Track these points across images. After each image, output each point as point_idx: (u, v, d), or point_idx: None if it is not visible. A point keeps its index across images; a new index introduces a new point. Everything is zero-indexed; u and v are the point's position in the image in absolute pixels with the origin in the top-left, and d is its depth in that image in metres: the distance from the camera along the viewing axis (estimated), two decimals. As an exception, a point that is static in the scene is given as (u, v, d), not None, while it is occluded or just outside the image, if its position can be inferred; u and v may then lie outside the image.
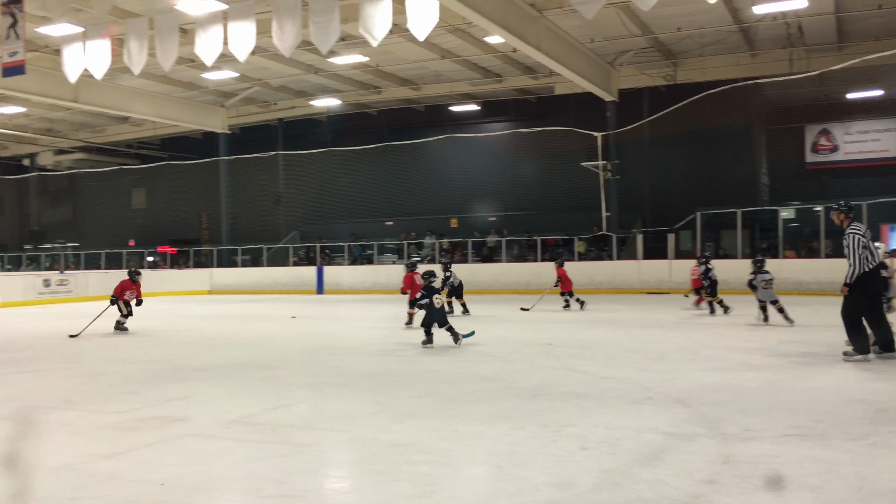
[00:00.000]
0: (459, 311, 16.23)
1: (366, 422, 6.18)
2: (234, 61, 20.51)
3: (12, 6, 12.92)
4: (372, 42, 13.07)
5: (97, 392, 7.82)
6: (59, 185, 39.32)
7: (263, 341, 12.26)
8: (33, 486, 4.70)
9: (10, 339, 13.42)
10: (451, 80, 26.45)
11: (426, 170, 30.02)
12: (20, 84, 20.29)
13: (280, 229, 31.55)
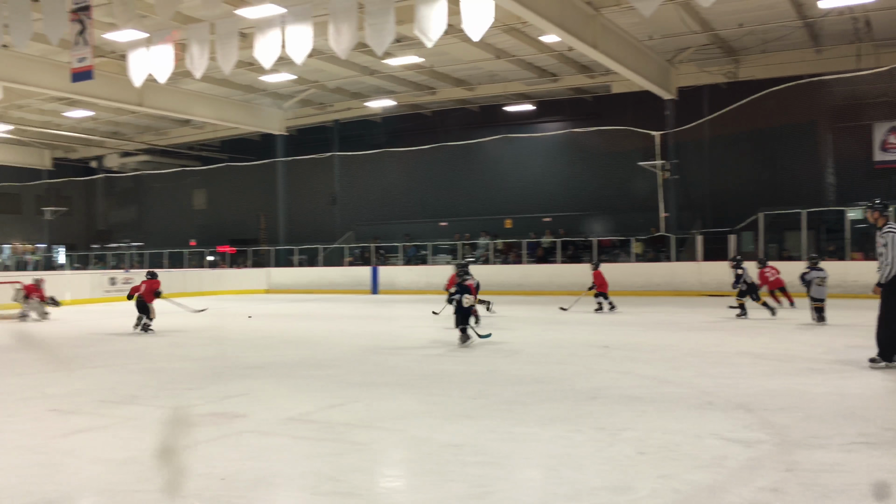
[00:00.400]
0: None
1: (420, 421, 6.19)
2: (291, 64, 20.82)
3: (81, 13, 13.36)
4: (427, 43, 13.10)
5: (160, 388, 8.02)
6: (125, 187, 40.55)
7: (319, 340, 12.41)
8: (101, 478, 4.84)
9: (79, 336, 13.88)
10: (505, 80, 26.36)
11: (480, 170, 29.98)
12: (88, 89, 21.00)
13: (335, 229, 31.92)
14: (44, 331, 15.02)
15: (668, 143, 24.22)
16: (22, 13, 13.49)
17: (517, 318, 15.81)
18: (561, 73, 25.48)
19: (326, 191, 32.39)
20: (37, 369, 9.68)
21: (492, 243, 27.20)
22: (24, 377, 9.06)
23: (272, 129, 30.33)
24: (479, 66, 24.50)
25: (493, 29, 17.09)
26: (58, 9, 13.16)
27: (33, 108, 28.55)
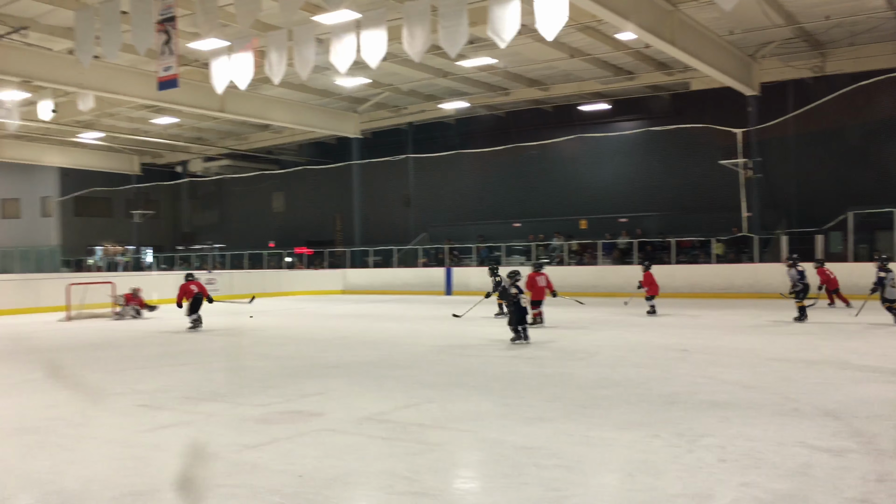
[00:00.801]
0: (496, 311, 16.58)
1: (494, 423, 6.17)
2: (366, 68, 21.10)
3: (167, 24, 13.88)
4: (500, 44, 13.07)
5: (241, 386, 8.25)
6: (208, 190, 41.94)
7: (394, 340, 12.53)
8: (186, 473, 5.01)
9: (165, 334, 14.42)
10: (580, 80, 26.05)
11: (555, 170, 29.69)
12: (173, 96, 21.84)
13: (410, 231, 32.18)
14: (132, 329, 15.66)
15: (751, 140, 23.44)
16: (112, 26, 14.12)
17: (592, 320, 15.60)
18: (637, 70, 25.01)
19: (400, 193, 32.70)
20: (126, 366, 10.10)
21: (566, 244, 26.92)
22: (114, 374, 9.47)
23: (347, 133, 30.83)
24: (554, 66, 24.29)
25: (568, 28, 16.91)
26: (145, 20, 13.71)
27: (123, 115, 29.85)
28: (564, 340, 12.02)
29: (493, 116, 30.88)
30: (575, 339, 12.13)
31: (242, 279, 28.18)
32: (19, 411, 7.10)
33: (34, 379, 9.15)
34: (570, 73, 25.28)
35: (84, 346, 12.69)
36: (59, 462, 5.27)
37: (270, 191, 39.13)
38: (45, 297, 20.73)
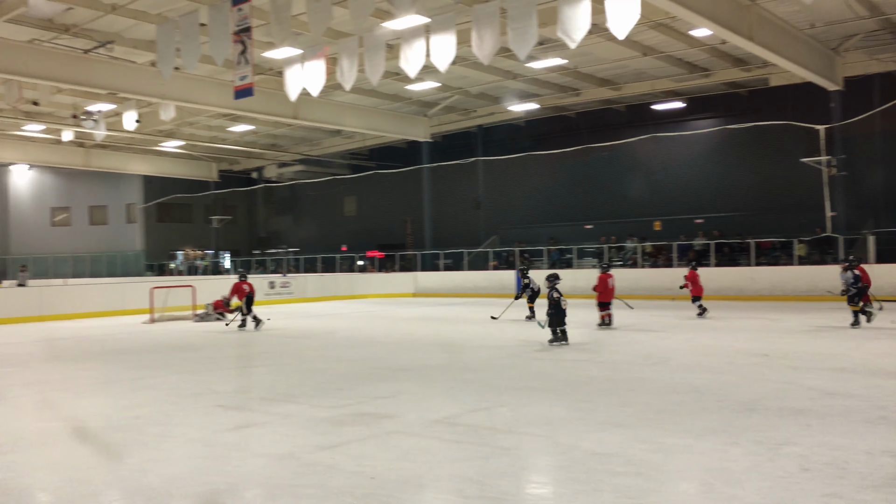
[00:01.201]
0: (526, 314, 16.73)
1: (566, 428, 6.10)
2: (435, 72, 21.22)
3: (242, 35, 14.25)
4: (570, 44, 12.92)
5: (315, 387, 8.40)
6: (282, 196, 42.92)
7: (465, 343, 12.54)
8: (263, 472, 5.12)
9: (242, 337, 14.81)
10: (653, 78, 25.53)
11: (627, 171, 29.19)
12: (249, 105, 22.43)
13: (480, 234, 32.17)
14: (212, 331, 16.13)
15: (835, 137, 22.52)
16: (192, 38, 14.60)
17: (666, 323, 15.27)
18: (713, 67, 24.35)
19: (471, 195, 32.72)
20: (205, 367, 10.42)
21: (640, 246, 26.43)
22: (195, 374, 9.78)
23: (418, 137, 31.07)
24: (625, 65, 23.89)
25: (640, 26, 16.61)
26: (223, 32, 14.11)
27: (202, 124, 30.86)
28: (638, 344, 11.80)
29: (563, 117, 30.58)
30: (649, 343, 11.89)
31: (316, 282, 28.71)
32: (106, 410, 7.41)
33: (120, 379, 9.53)
34: (643, 71, 24.82)
35: (166, 347, 13.15)
36: (143, 460, 5.46)
37: (342, 195, 39.74)
38: (129, 301, 21.60)
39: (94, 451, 5.83)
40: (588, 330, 14.21)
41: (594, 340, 12.47)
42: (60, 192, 41.49)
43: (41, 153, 33.84)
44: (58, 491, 4.88)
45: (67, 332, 16.34)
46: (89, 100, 24.41)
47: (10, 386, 9.12)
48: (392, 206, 36.68)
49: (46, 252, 39.99)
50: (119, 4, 16.89)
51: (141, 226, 40.97)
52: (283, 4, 13.16)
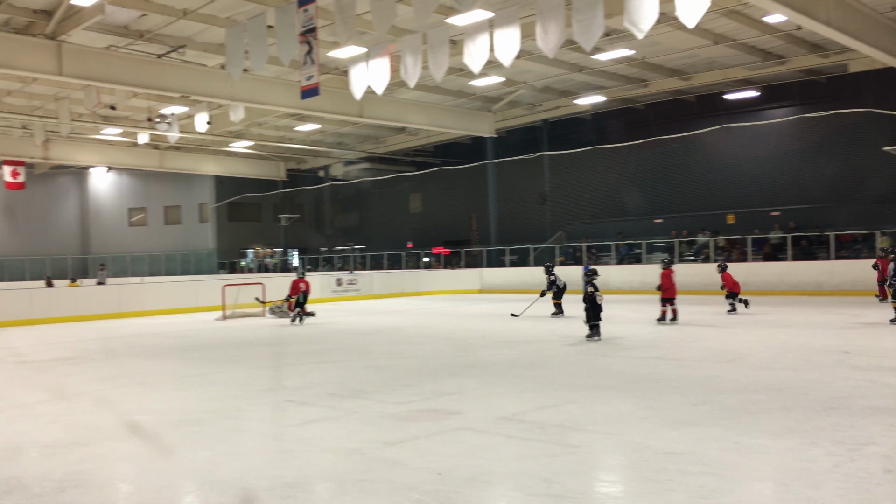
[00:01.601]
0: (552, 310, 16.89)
1: (636, 426, 5.97)
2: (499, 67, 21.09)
3: (308, 35, 14.45)
4: (638, 35, 12.64)
5: (382, 383, 8.45)
6: (348, 193, 43.48)
7: (530, 340, 12.43)
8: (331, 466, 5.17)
9: (311, 333, 15.05)
10: (725, 67, 24.79)
11: (699, 163, 28.48)
12: (315, 104, 22.75)
13: (546, 229, 31.90)
14: (282, 328, 16.45)
15: (920, 123, 21.48)
16: (259, 40, 14.88)
17: (741, 320, 14.83)
18: (788, 54, 23.50)
19: (536, 191, 32.47)
20: (274, 363, 10.62)
21: (712, 240, 25.75)
22: (264, 370, 9.98)
23: (482, 132, 30.97)
24: (696, 54, 23.26)
25: (710, 13, 16.15)
26: (289, 33, 14.34)
27: (270, 124, 31.49)
28: (709, 341, 11.49)
29: (631, 109, 30.01)
30: (721, 340, 11.57)
31: (382, 279, 28.98)
32: (181, 404, 7.62)
33: (194, 374, 9.80)
34: (714, 60, 24.13)
35: (237, 343, 13.47)
36: (216, 453, 5.59)
37: (407, 192, 40.00)
38: (203, 298, 22.24)
39: (169, 443, 5.99)
40: (657, 327, 13.93)
41: (664, 337, 12.21)
42: (137, 193, 43.01)
43: (119, 156, 35.14)
44: (136, 482, 5.04)
45: (144, 329, 16.92)
46: (163, 103, 25.21)
47: (90, 380, 9.48)
48: (457, 203, 36.73)
49: (124, 251, 41.54)
50: (190, 9, 17.36)
51: (213, 225, 42.12)
52: (347, 4, 13.29)
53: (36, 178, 39.52)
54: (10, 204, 39.54)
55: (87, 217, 43.09)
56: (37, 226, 40.96)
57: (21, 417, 7.20)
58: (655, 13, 12.29)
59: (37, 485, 4.89)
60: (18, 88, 23.73)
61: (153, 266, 40.51)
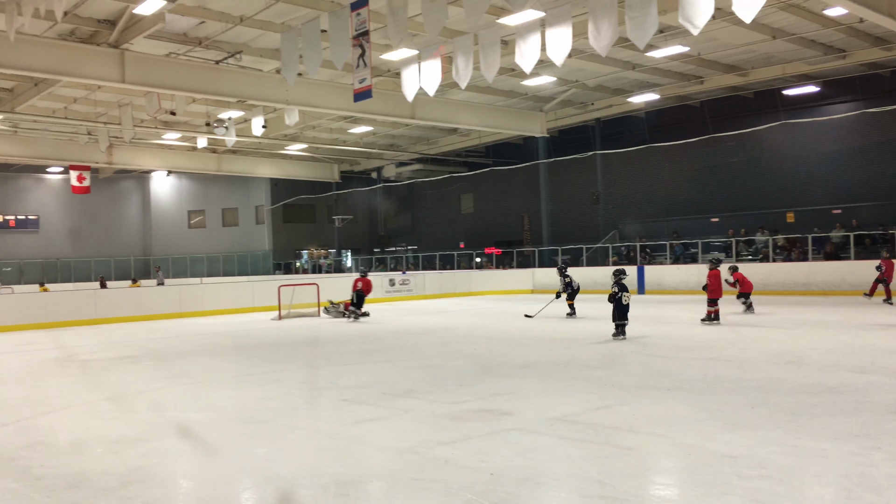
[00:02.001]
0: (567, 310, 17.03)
1: (692, 429, 5.89)
2: (551, 66, 21.01)
3: (361, 39, 14.61)
4: (693, 31, 12.44)
5: (434, 383, 8.50)
6: (400, 194, 43.80)
7: (583, 340, 12.34)
8: (385, 465, 5.24)
9: (364, 333, 15.21)
10: (783, 62, 24.18)
11: (756, 160, 27.84)
12: (368, 106, 23.00)
13: (599, 229, 31.59)
14: (336, 328, 16.66)
15: None
16: (314, 44, 15.11)
17: (800, 320, 14.45)
18: (850, 48, 22.81)
19: (589, 190, 32.20)
20: (329, 362, 10.77)
21: (771, 239, 25.15)
22: (320, 369, 10.13)
23: (534, 132, 30.85)
24: (753, 49, 22.75)
25: (768, 7, 15.80)
26: (343, 37, 14.53)
27: (323, 127, 31.93)
28: (768, 342, 11.24)
29: (686, 107, 29.51)
30: (781, 341, 11.30)
31: (434, 279, 29.10)
32: (239, 402, 7.80)
33: (251, 373, 10.01)
34: (772, 55, 23.57)
35: (293, 343, 13.70)
36: (273, 450, 5.71)
37: (459, 193, 40.07)
38: (259, 298, 22.68)
39: (228, 440, 6.14)
40: (712, 328, 13.68)
41: (720, 338, 11.98)
42: (196, 195, 44.07)
43: (178, 160, 36.08)
44: (196, 477, 5.18)
45: (203, 329, 17.33)
46: (220, 108, 25.81)
47: (152, 378, 9.77)
48: (509, 203, 36.65)
49: (184, 252, 42.63)
50: (246, 16, 17.73)
51: (268, 226, 42.88)
52: (399, 7, 13.39)
53: (100, 182, 40.87)
54: (77, 208, 40.95)
55: (148, 220, 44.34)
56: (101, 228, 42.34)
57: (86, 414, 7.47)
58: (711, 9, 12.08)
59: (101, 479, 5.07)
60: (84, 96, 24.58)
61: (211, 267, 41.49)
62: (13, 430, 6.73)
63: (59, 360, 12.00)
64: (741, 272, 16.70)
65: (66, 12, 15.98)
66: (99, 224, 42.28)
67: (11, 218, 39.34)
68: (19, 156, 31.88)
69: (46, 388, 9.21)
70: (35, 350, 13.67)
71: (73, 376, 10.30)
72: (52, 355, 12.73)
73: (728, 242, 26.01)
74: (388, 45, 18.52)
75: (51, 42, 18.11)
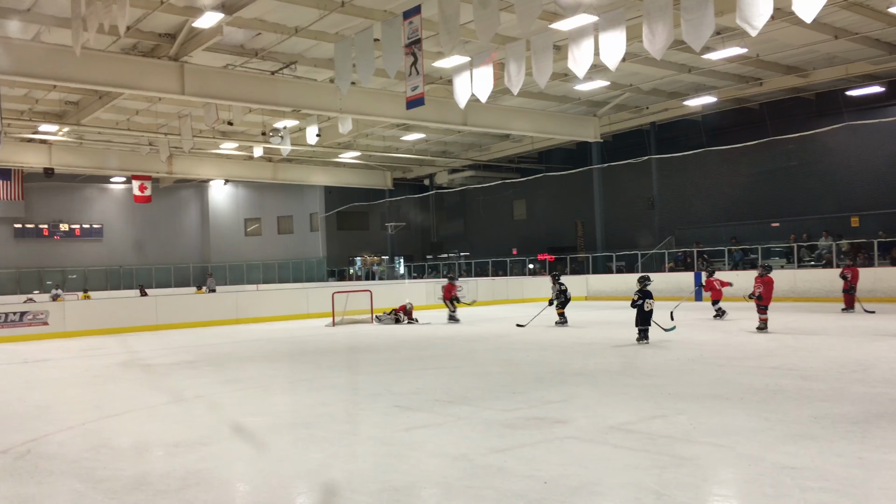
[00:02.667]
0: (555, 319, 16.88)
1: (752, 439, 5.73)
2: (605, 70, 20.79)
3: (413, 47, 14.72)
4: (751, 32, 12.17)
5: (487, 390, 8.47)
6: (453, 201, 43.89)
7: (639, 348, 12.15)
8: (437, 471, 5.24)
9: (415, 339, 15.26)
10: (847, 62, 23.47)
11: (819, 163, 27.06)
12: (420, 114, 23.14)
13: (654, 234, 31.11)
14: (389, 335, 16.75)
15: None
16: (367, 53, 15.29)
17: (866, 329, 13.96)
18: (916, 45, 22.06)
19: (644, 195, 31.75)
20: (383, 369, 10.83)
21: (834, 244, 24.38)
22: (373, 375, 10.20)
23: (587, 137, 30.59)
24: (815, 49, 22.15)
25: (830, 7, 15.38)
26: (395, 45, 14.67)
27: (376, 135, 32.25)
28: (832, 350, 10.89)
29: (745, 109, 28.87)
30: (845, 350, 10.94)
31: (487, 286, 29.03)
32: (294, 407, 7.91)
33: (306, 379, 10.13)
34: (835, 55, 22.91)
35: (347, 349, 13.83)
36: (327, 455, 5.77)
37: (512, 199, 39.96)
38: (313, 305, 22.96)
39: (283, 444, 6.23)
40: (774, 335, 13.32)
41: (781, 347, 11.66)
42: (252, 204, 44.94)
43: (235, 168, 36.87)
44: (252, 481, 5.26)
45: (259, 334, 17.63)
46: (276, 117, 26.28)
47: (210, 383, 9.97)
48: (562, 209, 36.38)
49: (240, 260, 43.48)
50: (301, 27, 18.04)
51: (322, 234, 43.43)
52: (451, 14, 13.45)
53: (161, 191, 42.03)
54: (139, 217, 42.18)
55: (206, 227, 45.38)
56: (161, 236, 43.50)
57: (147, 418, 7.66)
58: (770, 9, 11.80)
59: (161, 482, 5.19)
60: (145, 108, 25.33)
61: (267, 274, 42.21)
62: (79, 433, 6.94)
63: (123, 365, 12.36)
64: (714, 279, 16.68)
65: (128, 27, 16.52)
66: (159, 232, 43.44)
67: (77, 227, 40.70)
68: (85, 167, 33.01)
69: (110, 392, 9.49)
70: (100, 355, 14.11)
71: (136, 380, 10.59)
72: (116, 360, 13.12)
73: (790, 248, 25.32)
74: (440, 52, 18.62)
75: (114, 56, 18.72)
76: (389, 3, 16.85)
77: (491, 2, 12.75)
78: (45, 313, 18.45)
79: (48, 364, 12.94)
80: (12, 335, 17.66)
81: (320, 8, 16.68)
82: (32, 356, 14.23)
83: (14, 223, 38.51)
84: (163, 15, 17.14)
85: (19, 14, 16.70)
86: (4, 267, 37.06)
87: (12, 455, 6.14)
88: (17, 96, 23.36)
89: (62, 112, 25.40)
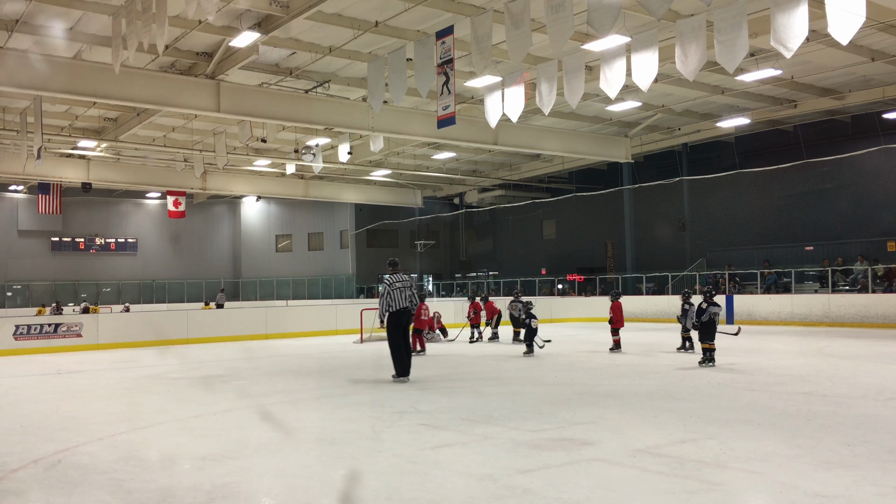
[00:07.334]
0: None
1: (783, 466, 5.62)
2: (637, 91, 20.73)
3: (445, 66, 14.83)
4: (785, 54, 12.08)
5: (515, 410, 8.42)
6: (482, 220, 43.94)
7: (669, 371, 12.00)
8: (462, 491, 5.21)
9: (444, 358, 15.24)
10: (883, 84, 23.15)
11: (854, 186, 26.66)
12: (451, 133, 23.26)
13: (685, 256, 30.80)
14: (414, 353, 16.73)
15: None
16: (399, 73, 15.44)
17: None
18: (956, 68, 21.69)
19: (675, 217, 31.50)
20: (410, 386, 10.82)
21: (870, 269, 23.94)
22: (401, 392, 10.19)
23: (618, 158, 30.46)
24: (850, 72, 21.89)
25: (866, 28, 15.21)
26: (427, 65, 14.78)
27: (407, 153, 32.44)
28: (867, 376, 10.66)
29: (778, 132, 28.58)
30: (881, 375, 10.71)
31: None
32: (322, 423, 7.93)
33: (334, 395, 10.16)
34: (871, 77, 22.62)
35: (375, 366, 13.84)
36: (354, 471, 5.76)
37: (542, 219, 39.87)
38: (342, 321, 23.07)
39: (310, 460, 6.24)
40: (807, 359, 13.08)
41: (815, 372, 11.45)
42: (283, 220, 45.40)
43: (267, 185, 37.30)
44: (279, 496, 5.27)
45: (287, 350, 17.73)
46: (308, 135, 26.59)
47: (239, 397, 10.04)
48: (592, 229, 36.21)
49: (271, 275, 43.87)
50: (335, 46, 18.28)
51: (352, 251, 43.68)
52: (484, 35, 13.53)
53: (195, 207, 42.66)
54: (173, 231, 42.83)
55: (238, 243, 45.91)
56: (194, 251, 44.11)
57: (176, 431, 7.73)
58: (805, 31, 11.71)
59: (188, 495, 5.23)
60: (181, 125, 25.80)
61: (297, 290, 42.52)
62: (108, 444, 7.03)
63: (153, 378, 12.50)
64: (618, 303, 16.31)
65: (167, 46, 16.87)
66: (192, 247, 44.04)
67: (112, 241, 41.43)
68: (121, 182, 33.65)
69: (141, 404, 9.60)
70: (132, 367, 14.29)
71: (166, 393, 10.70)
72: (146, 373, 13.28)
73: (824, 272, 24.91)
74: (471, 72, 18.73)
75: (153, 74, 19.12)
76: (422, 24, 17.01)
77: (523, 22, 12.79)
78: (79, 325, 18.76)
79: (81, 375, 13.13)
80: (47, 346, 17.99)
81: (354, 28, 16.89)
82: (66, 367, 14.47)
83: (52, 237, 39.34)
84: (200, 34, 17.48)
85: (63, 33, 17.16)
86: (41, 279, 37.81)
87: (43, 465, 6.23)
88: (57, 112, 23.95)
89: (101, 128, 25.96)
